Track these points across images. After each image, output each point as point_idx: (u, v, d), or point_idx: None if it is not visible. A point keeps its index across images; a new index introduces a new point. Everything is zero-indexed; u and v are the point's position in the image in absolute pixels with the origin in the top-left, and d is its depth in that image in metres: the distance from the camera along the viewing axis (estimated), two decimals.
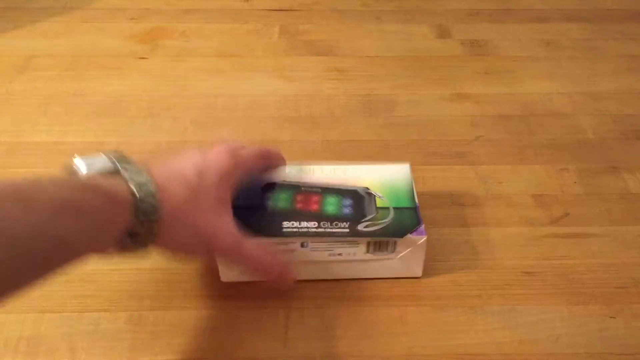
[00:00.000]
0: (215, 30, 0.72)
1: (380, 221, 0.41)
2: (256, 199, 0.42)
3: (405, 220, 0.41)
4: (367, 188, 0.43)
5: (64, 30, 0.71)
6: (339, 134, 0.57)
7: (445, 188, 0.51)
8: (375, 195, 0.43)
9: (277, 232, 0.40)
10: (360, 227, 0.40)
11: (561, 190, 0.51)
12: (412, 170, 0.45)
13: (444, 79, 0.64)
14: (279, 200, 0.42)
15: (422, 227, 0.41)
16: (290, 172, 0.45)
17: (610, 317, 0.41)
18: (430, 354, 0.39)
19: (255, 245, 0.39)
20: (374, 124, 0.58)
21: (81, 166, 0.33)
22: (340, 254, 0.41)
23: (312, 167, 0.45)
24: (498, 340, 0.40)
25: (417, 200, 0.43)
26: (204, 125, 0.57)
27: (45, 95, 0.61)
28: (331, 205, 0.42)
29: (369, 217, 0.41)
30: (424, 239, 0.40)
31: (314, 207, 0.42)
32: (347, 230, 0.40)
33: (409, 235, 0.40)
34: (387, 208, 0.42)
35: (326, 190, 0.43)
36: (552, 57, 0.68)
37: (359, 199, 0.43)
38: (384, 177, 0.44)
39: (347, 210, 0.42)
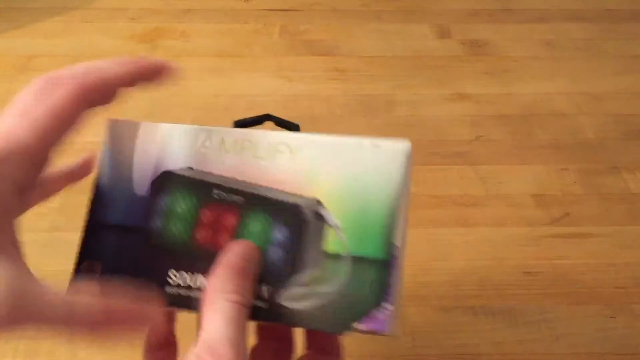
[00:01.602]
0: (215, 30, 0.72)
1: (322, 288, 0.24)
2: (137, 212, 0.26)
3: (366, 288, 0.23)
4: (318, 202, 0.25)
5: (64, 30, 0.71)
6: (339, 134, 0.57)
7: (445, 188, 0.51)
8: (326, 223, 0.25)
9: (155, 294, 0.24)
10: (286, 300, 0.24)
11: (561, 190, 0.51)
12: (408, 130, 0.29)
13: (444, 79, 0.64)
14: (173, 220, 0.25)
15: (389, 310, 0.23)
16: (197, 142, 0.27)
17: (611, 317, 0.41)
18: (430, 354, 0.39)
19: (63, 294, 0.21)
20: (374, 124, 0.58)
21: None
22: None
23: (242, 136, 0.26)
24: (498, 340, 0.40)
25: (399, 238, 0.24)
26: (204, 125, 0.57)
27: None
28: (254, 237, 0.25)
29: (306, 275, 0.24)
30: (385, 334, 0.23)
31: (223, 241, 0.25)
32: (263, 306, 0.24)
33: (362, 327, 0.23)
34: (339, 257, 0.24)
35: (251, 202, 0.25)
36: (553, 57, 0.68)
37: (299, 226, 0.25)
38: (353, 175, 0.25)
39: (274, 254, 0.24)
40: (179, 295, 0.24)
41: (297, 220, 0.25)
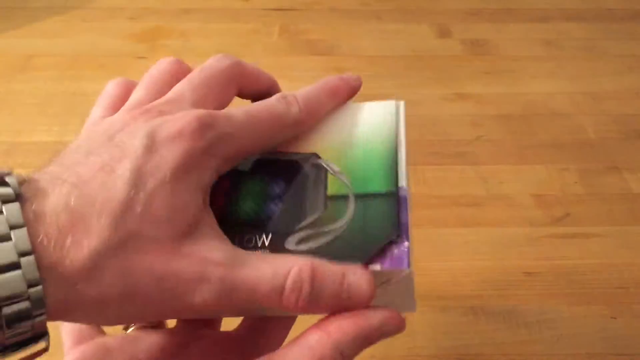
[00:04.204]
0: (215, 30, 0.72)
1: (327, 227, 0.22)
2: None
3: (374, 221, 0.22)
4: (316, 155, 0.25)
5: (63, 30, 0.71)
6: None
7: (445, 188, 0.51)
8: (327, 170, 0.24)
9: None
10: (291, 243, 0.22)
11: (562, 190, 0.51)
12: (408, 129, 0.28)
13: (444, 79, 0.64)
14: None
15: (405, 246, 0.21)
16: None
17: (611, 318, 0.41)
18: (430, 355, 0.39)
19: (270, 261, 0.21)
20: None
21: None
22: None
23: None
24: (498, 340, 0.40)
25: (404, 180, 0.24)
26: None
27: (44, 95, 0.61)
28: (249, 197, 0.24)
29: (310, 219, 0.23)
30: (405, 272, 0.21)
31: (219, 201, 0.24)
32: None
33: (377, 267, 0.21)
34: (345, 197, 0.23)
35: (257, 167, 0.25)
36: (553, 56, 0.68)
37: (299, 179, 0.24)
38: (353, 131, 0.26)
39: (273, 207, 0.24)
40: None
41: (294, 173, 0.24)
